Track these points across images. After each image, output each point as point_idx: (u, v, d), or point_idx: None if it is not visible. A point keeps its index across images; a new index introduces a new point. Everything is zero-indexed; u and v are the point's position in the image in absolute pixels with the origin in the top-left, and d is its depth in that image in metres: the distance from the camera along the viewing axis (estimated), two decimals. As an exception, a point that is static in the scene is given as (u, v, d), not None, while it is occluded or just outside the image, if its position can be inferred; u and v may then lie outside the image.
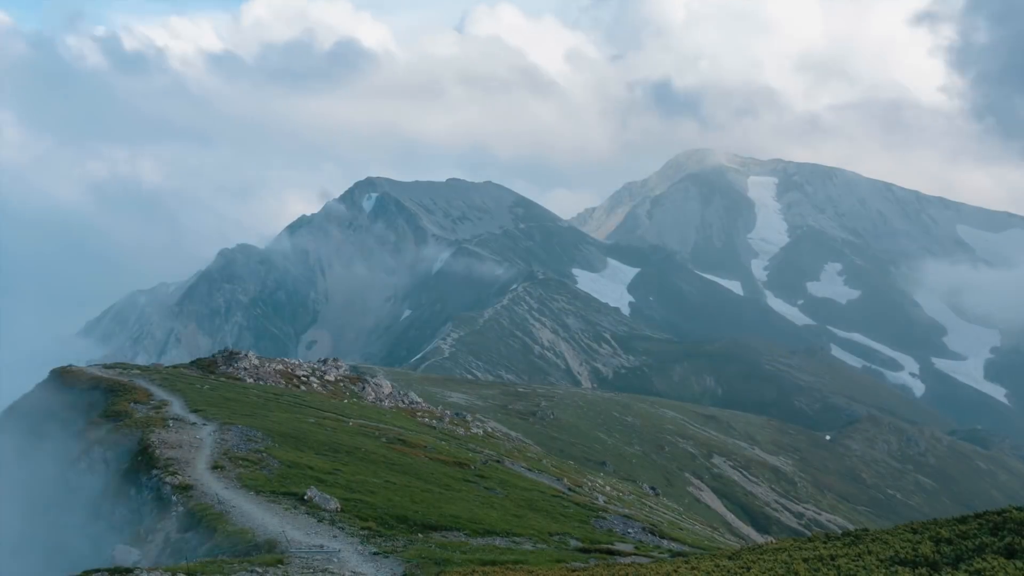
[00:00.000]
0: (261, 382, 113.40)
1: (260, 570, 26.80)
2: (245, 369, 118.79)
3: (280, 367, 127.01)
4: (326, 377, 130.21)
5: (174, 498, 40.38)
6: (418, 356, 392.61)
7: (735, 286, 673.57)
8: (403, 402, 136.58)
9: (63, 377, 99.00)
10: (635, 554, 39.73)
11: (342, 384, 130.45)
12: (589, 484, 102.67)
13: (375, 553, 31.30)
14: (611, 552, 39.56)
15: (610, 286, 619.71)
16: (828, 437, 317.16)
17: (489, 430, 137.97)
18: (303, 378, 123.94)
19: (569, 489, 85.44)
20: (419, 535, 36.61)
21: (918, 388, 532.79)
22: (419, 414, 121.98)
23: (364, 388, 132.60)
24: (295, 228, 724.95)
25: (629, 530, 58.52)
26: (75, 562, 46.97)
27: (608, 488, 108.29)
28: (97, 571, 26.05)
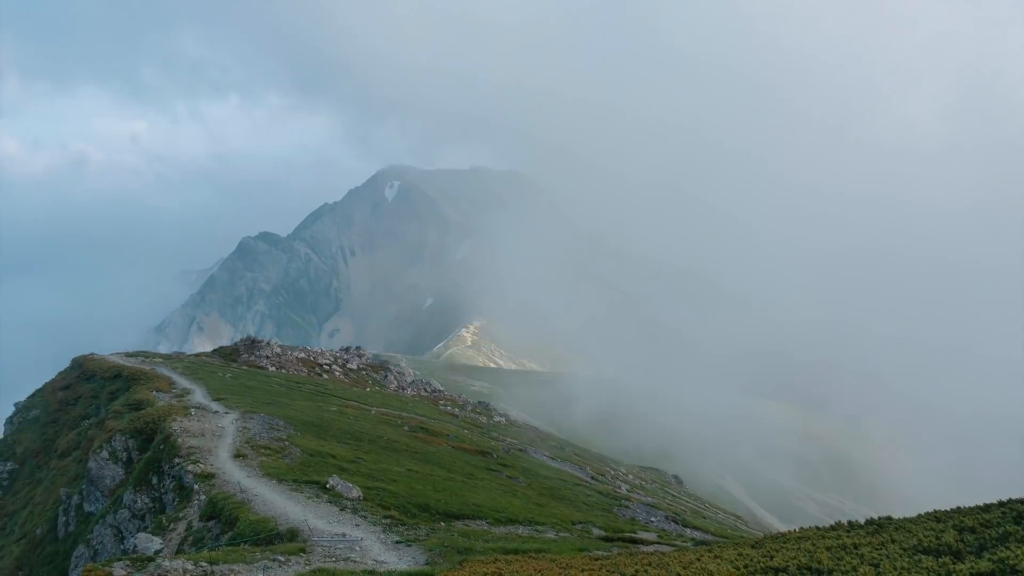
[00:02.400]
0: (283, 370, 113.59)
1: (282, 559, 26.68)
2: (267, 357, 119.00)
3: (302, 355, 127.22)
4: (348, 366, 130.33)
5: (196, 487, 40.35)
6: (440, 344, 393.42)
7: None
8: (425, 390, 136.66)
9: (85, 365, 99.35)
10: (658, 543, 39.46)
11: (364, 372, 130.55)
12: (612, 472, 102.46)
13: (397, 542, 31.15)
14: (634, 541, 39.31)
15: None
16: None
17: (512, 418, 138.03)
18: (325, 367, 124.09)
19: (592, 478, 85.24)
20: (441, 524, 36.45)
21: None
22: (441, 402, 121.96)
23: (386, 376, 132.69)
24: (317, 216, 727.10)
25: (652, 519, 58.29)
26: (97, 551, 47.13)
27: (631, 476, 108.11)
28: (119, 560, 25.93)
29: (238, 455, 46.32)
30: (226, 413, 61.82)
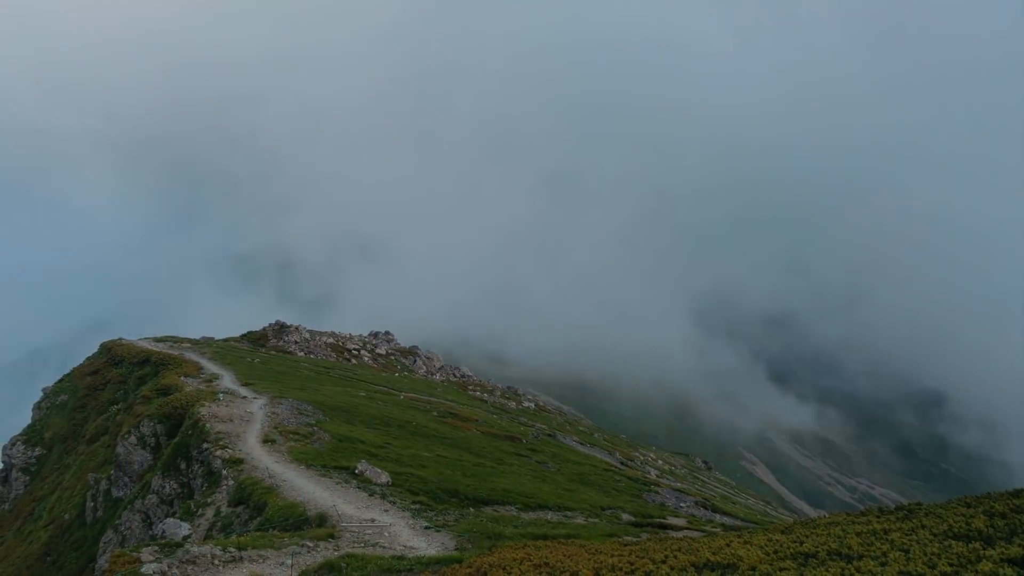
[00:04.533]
0: (312, 355, 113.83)
1: (311, 544, 26.53)
2: (296, 342, 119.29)
3: (331, 340, 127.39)
4: (377, 350, 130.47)
5: (224, 472, 40.30)
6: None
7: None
8: (454, 375, 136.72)
9: (113, 350, 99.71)
10: (688, 528, 39.19)
11: (393, 357, 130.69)
12: (641, 458, 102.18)
13: (427, 527, 30.96)
14: (663, 526, 39.05)
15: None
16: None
17: (541, 403, 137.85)
18: (354, 351, 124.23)
19: (621, 463, 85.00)
20: (470, 509, 36.26)
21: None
22: (470, 388, 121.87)
23: (415, 361, 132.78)
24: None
25: (681, 504, 57.99)
26: (125, 536, 47.23)
27: (660, 462, 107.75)
28: (147, 545, 25.86)
29: (267, 440, 46.30)
30: (255, 398, 61.92)
